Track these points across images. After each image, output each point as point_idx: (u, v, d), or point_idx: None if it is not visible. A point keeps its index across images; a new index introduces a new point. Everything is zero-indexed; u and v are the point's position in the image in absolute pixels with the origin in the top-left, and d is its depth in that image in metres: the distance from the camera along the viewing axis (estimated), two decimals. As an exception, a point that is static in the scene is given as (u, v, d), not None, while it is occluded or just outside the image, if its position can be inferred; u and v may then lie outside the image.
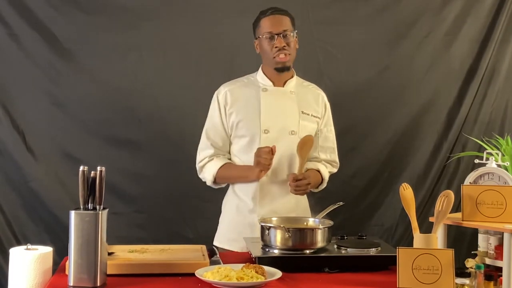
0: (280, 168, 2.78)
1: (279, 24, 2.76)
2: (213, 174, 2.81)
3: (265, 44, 2.77)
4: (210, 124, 2.87)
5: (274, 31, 2.74)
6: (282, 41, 2.73)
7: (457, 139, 3.79)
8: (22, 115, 3.55)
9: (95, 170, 2.02)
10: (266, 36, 2.75)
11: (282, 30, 2.75)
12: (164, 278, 2.12)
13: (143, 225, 3.60)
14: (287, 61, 2.77)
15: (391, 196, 3.74)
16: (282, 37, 2.74)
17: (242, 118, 2.80)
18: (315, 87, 2.96)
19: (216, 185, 2.89)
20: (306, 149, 2.76)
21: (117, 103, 3.59)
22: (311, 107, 2.87)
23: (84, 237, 1.97)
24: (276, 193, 2.80)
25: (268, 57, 2.78)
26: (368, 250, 2.34)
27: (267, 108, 2.80)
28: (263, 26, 2.78)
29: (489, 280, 2.19)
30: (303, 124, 2.82)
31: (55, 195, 3.54)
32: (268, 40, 2.75)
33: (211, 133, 2.85)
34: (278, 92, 2.84)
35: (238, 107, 2.82)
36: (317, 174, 2.87)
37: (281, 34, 2.74)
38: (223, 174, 2.82)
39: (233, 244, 2.79)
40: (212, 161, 2.84)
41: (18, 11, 3.51)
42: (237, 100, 2.82)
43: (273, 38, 2.74)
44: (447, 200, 2.23)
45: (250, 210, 2.80)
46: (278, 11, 2.79)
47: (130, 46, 3.60)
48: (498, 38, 3.77)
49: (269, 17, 2.77)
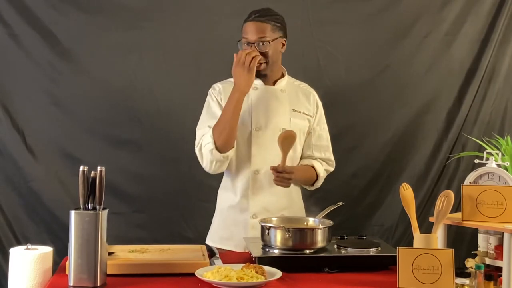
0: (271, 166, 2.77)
1: (256, 31, 2.73)
2: (210, 135, 2.68)
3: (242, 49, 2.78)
4: (208, 115, 2.81)
5: (249, 39, 2.75)
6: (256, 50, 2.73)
7: (457, 139, 3.79)
8: (22, 115, 3.55)
9: (95, 170, 2.02)
10: (244, 42, 2.77)
11: (257, 38, 2.74)
12: (164, 278, 2.12)
13: (143, 225, 3.60)
14: (261, 70, 2.77)
15: (391, 196, 3.74)
16: (258, 45, 2.74)
17: None
18: (306, 86, 2.96)
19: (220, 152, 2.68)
20: (288, 143, 2.70)
21: (117, 103, 3.59)
22: (302, 105, 2.87)
23: (84, 237, 1.97)
24: (268, 191, 2.78)
25: None
26: (368, 250, 2.34)
27: (258, 106, 2.80)
28: (243, 31, 2.79)
29: (489, 280, 2.20)
30: (294, 122, 2.82)
31: (55, 195, 3.54)
32: (245, 46, 2.77)
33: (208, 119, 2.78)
34: (268, 90, 2.84)
35: None
36: (310, 170, 2.86)
37: (255, 43, 2.74)
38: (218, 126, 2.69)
39: (226, 243, 2.79)
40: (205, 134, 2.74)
41: (18, 11, 3.51)
42: None
43: (249, 45, 2.75)
44: (447, 200, 2.23)
45: (242, 209, 2.79)
46: (261, 17, 2.75)
47: (130, 46, 3.60)
48: (498, 38, 3.77)
49: (249, 24, 2.76)
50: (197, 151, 2.77)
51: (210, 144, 2.69)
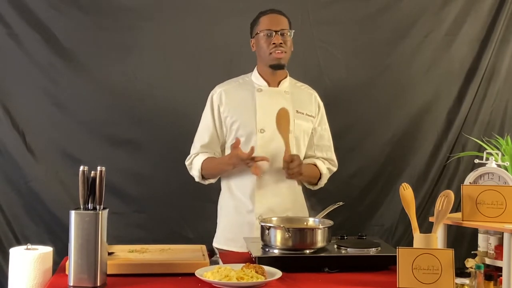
0: (276, 167, 2.79)
1: (278, 22, 2.82)
2: (198, 168, 2.87)
3: (262, 41, 2.81)
4: (202, 123, 2.92)
5: (272, 28, 2.80)
6: (279, 38, 2.79)
7: (457, 139, 3.79)
8: (22, 115, 3.54)
9: (95, 170, 2.02)
10: (264, 33, 2.81)
11: (280, 28, 2.81)
12: (164, 278, 2.12)
13: (143, 225, 3.60)
14: (282, 58, 2.81)
15: (391, 196, 3.74)
16: (280, 35, 2.79)
17: (237, 118, 2.83)
18: (307, 87, 2.99)
19: (205, 181, 2.93)
20: (285, 123, 2.76)
21: (117, 103, 3.59)
22: (305, 106, 2.90)
23: (84, 237, 1.98)
24: (273, 192, 2.81)
25: (264, 54, 2.82)
26: (368, 250, 2.35)
27: (263, 108, 2.82)
28: (262, 23, 2.84)
29: (489, 280, 2.20)
30: (298, 123, 2.84)
31: (55, 195, 3.54)
32: (266, 37, 2.80)
33: (202, 132, 2.90)
34: (272, 92, 2.87)
35: (234, 107, 2.85)
36: (313, 167, 2.88)
37: (279, 32, 2.80)
38: (207, 166, 2.86)
39: (231, 244, 2.81)
40: (198, 156, 2.89)
41: (18, 11, 3.50)
42: (232, 100, 2.86)
43: (271, 35, 2.80)
44: (447, 200, 2.24)
45: (248, 210, 2.81)
46: (277, 11, 2.86)
47: (130, 46, 3.59)
48: (498, 38, 3.77)
49: (268, 16, 2.84)
50: (187, 164, 2.95)
51: (196, 175, 2.89)
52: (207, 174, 2.89)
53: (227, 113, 2.85)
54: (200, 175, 2.88)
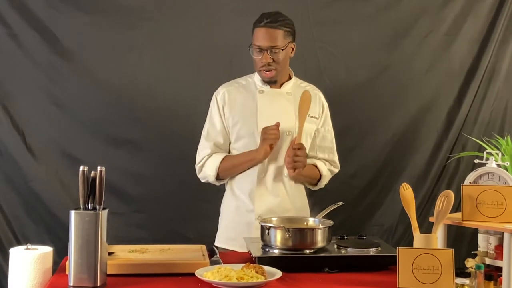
0: (277, 168, 2.80)
1: (270, 38, 2.74)
2: (215, 167, 2.81)
3: (254, 55, 2.80)
4: (210, 124, 2.89)
5: (262, 46, 2.74)
6: (268, 57, 2.74)
7: (457, 139, 3.79)
8: (22, 115, 3.54)
9: (95, 170, 2.02)
10: (255, 48, 2.77)
11: (269, 46, 2.73)
12: (164, 278, 2.12)
13: (143, 225, 3.60)
14: (271, 77, 2.80)
15: (391, 196, 3.74)
16: (270, 52, 2.74)
17: (239, 119, 2.83)
18: (312, 87, 2.96)
19: (219, 181, 2.89)
20: (305, 107, 2.77)
21: (117, 103, 3.59)
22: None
23: (84, 237, 1.97)
24: (273, 192, 2.81)
25: (256, 67, 2.82)
26: (368, 250, 2.35)
27: (264, 109, 2.82)
28: (254, 36, 2.78)
29: (489, 280, 2.20)
30: None
31: (55, 195, 3.53)
32: (256, 52, 2.77)
33: (212, 133, 2.87)
34: (274, 93, 2.86)
35: (236, 108, 2.84)
36: (313, 169, 2.88)
37: (268, 50, 2.74)
38: (226, 165, 2.81)
39: (232, 243, 2.80)
40: (212, 157, 2.84)
41: (18, 11, 3.50)
42: (235, 101, 2.85)
43: (261, 52, 2.75)
44: (447, 200, 2.23)
45: (248, 209, 2.81)
46: (272, 22, 2.75)
47: (130, 46, 3.59)
48: (498, 38, 3.77)
49: (260, 30, 2.75)
50: (197, 168, 2.89)
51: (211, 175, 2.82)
52: (225, 174, 2.84)
53: (229, 113, 2.84)
54: (215, 175, 2.83)
